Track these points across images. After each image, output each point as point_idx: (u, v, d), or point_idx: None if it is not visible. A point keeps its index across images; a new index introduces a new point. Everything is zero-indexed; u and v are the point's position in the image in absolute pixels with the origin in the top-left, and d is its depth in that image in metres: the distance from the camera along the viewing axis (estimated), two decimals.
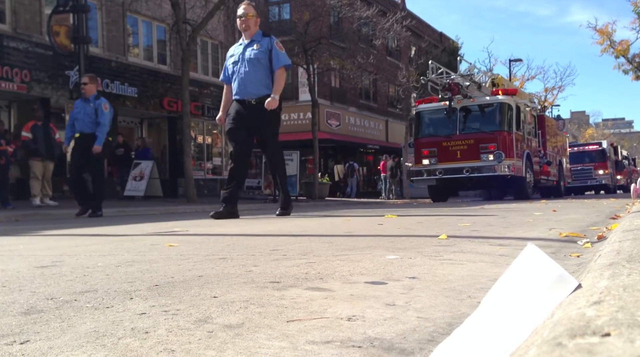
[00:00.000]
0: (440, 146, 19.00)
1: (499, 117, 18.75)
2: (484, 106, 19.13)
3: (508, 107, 18.79)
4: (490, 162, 18.04)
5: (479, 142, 18.42)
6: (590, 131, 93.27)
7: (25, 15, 17.62)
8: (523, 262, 1.16)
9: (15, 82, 16.88)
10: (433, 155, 19.14)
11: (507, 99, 18.90)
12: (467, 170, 18.28)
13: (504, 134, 18.47)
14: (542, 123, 22.95)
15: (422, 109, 20.13)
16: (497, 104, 18.86)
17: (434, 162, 19.08)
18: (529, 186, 19.54)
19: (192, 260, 2.96)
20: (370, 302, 1.76)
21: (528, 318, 1.03)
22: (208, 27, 20.25)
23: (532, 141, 20.92)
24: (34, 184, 13.19)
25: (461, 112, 19.12)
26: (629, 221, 3.61)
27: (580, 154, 36.79)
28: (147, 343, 1.34)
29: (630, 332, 0.78)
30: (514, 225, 5.14)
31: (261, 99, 7.55)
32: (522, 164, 19.06)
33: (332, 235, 4.48)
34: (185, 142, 18.20)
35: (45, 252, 3.67)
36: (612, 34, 35.71)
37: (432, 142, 19.28)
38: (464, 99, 19.02)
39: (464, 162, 18.39)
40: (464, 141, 18.66)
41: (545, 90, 50.42)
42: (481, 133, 18.55)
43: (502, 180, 18.49)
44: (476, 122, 19.08)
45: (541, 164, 21.90)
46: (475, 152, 18.39)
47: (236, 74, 7.76)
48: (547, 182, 22.90)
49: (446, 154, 18.81)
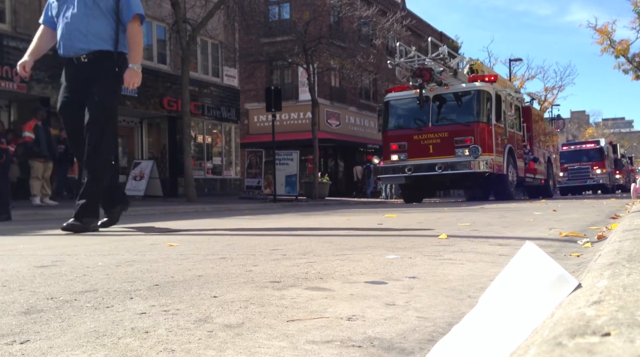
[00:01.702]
0: (411, 140, 17.00)
1: (476, 107, 16.77)
2: (459, 94, 17.11)
3: (487, 96, 16.83)
4: (465, 157, 16.06)
5: (453, 135, 16.46)
6: (590, 131, 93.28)
7: (25, 14, 17.61)
8: (521, 260, 1.15)
9: (15, 81, 16.88)
10: (403, 150, 17.17)
11: (486, 86, 16.94)
12: (439, 167, 16.20)
13: (482, 125, 16.52)
14: (527, 115, 20.93)
15: (391, 98, 18.12)
16: (474, 92, 16.86)
17: (403, 158, 17.09)
18: (511, 185, 17.77)
19: (192, 259, 2.96)
20: (370, 302, 1.76)
21: (528, 317, 1.03)
22: (208, 27, 20.24)
23: (515, 135, 19.00)
24: (34, 184, 13.19)
25: (434, 102, 17.11)
26: (629, 220, 3.61)
27: (578, 153, 35.99)
28: (147, 343, 1.34)
29: (630, 332, 0.78)
30: (514, 225, 5.14)
31: (95, 55, 5.36)
32: (504, 160, 17.18)
33: (332, 235, 4.48)
34: (185, 142, 18.20)
35: (45, 251, 3.67)
36: (612, 33, 35.72)
37: (401, 135, 17.31)
38: (437, 87, 17.04)
39: (437, 157, 16.38)
40: (437, 134, 16.67)
41: (545, 90, 50.49)
42: (456, 125, 16.58)
43: (480, 178, 16.56)
44: (451, 113, 17.13)
45: (527, 160, 20.02)
46: (449, 147, 16.43)
47: (61, 16, 5.45)
48: (534, 180, 21.22)
49: (417, 149, 16.84)
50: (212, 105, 25.37)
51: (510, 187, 17.49)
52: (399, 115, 17.81)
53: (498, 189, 17.28)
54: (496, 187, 17.31)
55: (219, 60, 25.97)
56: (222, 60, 26.19)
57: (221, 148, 26.52)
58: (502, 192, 17.22)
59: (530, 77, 49.38)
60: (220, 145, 26.50)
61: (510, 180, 17.64)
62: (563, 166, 34.70)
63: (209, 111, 25.12)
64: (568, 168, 35.15)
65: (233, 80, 26.97)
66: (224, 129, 26.53)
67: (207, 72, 25.39)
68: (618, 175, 41.22)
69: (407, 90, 17.61)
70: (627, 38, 36.37)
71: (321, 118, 30.93)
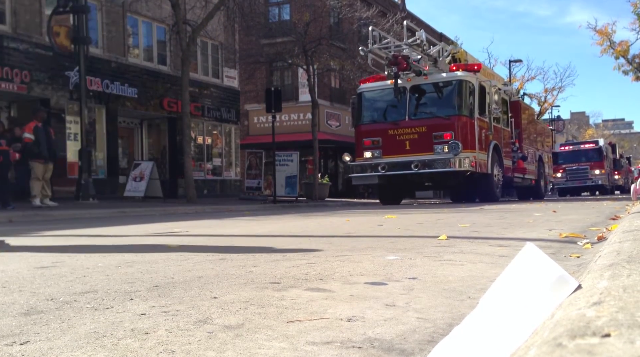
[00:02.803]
0: (386, 135, 15.27)
1: (457, 99, 15.07)
2: (439, 85, 15.43)
3: (469, 87, 15.11)
4: (444, 154, 14.40)
5: (432, 130, 14.74)
6: (590, 132, 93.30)
7: (25, 15, 17.61)
8: (522, 262, 1.15)
9: (15, 82, 16.87)
10: (376, 146, 15.42)
11: (468, 76, 15.20)
12: (416, 166, 14.46)
13: (463, 119, 14.84)
14: (516, 110, 19.23)
15: (365, 89, 16.29)
16: (455, 83, 15.12)
17: (377, 155, 15.33)
18: (497, 185, 16.07)
19: (192, 260, 2.96)
20: (370, 303, 1.76)
21: (528, 318, 1.02)
22: (208, 28, 20.24)
23: (502, 131, 17.30)
24: (34, 185, 13.18)
25: (412, 93, 15.34)
26: (629, 221, 3.61)
27: (576, 153, 35.14)
28: (147, 344, 1.34)
29: (631, 333, 0.78)
30: (514, 225, 5.14)
31: None
32: (488, 158, 15.48)
33: (332, 235, 4.47)
34: (185, 143, 18.19)
35: (45, 252, 3.67)
36: (611, 34, 35.69)
37: (375, 130, 15.51)
38: (415, 77, 15.33)
39: (414, 154, 14.69)
40: (414, 129, 14.96)
41: (545, 91, 50.43)
42: (435, 118, 14.85)
43: (462, 178, 14.84)
44: (430, 105, 15.40)
45: (515, 159, 18.40)
46: (427, 143, 14.71)
47: None
48: (524, 181, 19.52)
49: (392, 145, 15.11)
50: (212, 106, 25.36)
51: (496, 188, 15.92)
52: (373, 108, 16.06)
53: (482, 189, 15.71)
54: (480, 188, 15.71)
55: (219, 61, 25.97)
56: (222, 62, 26.19)
57: (221, 149, 26.51)
58: (486, 192, 15.70)
59: (530, 78, 49.32)
60: (220, 146, 26.50)
61: (496, 180, 15.99)
62: (561, 167, 34.16)
63: (209, 112, 25.11)
64: (566, 169, 34.46)
65: (233, 82, 26.96)
66: (224, 130, 26.52)
67: (207, 73, 25.39)
68: (617, 176, 40.41)
69: (382, 81, 15.81)
70: (627, 39, 36.31)
71: (321, 119, 30.93)
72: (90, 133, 18.60)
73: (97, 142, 20.06)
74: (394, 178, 15.26)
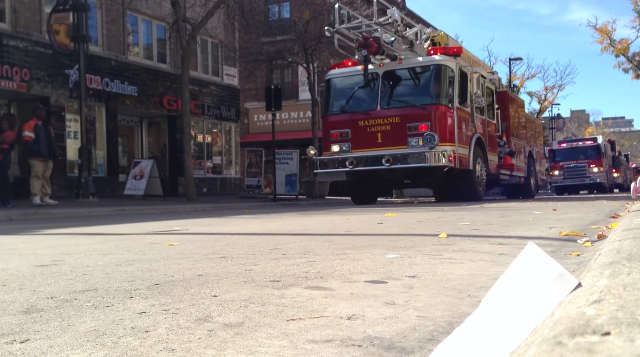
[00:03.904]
0: (356, 127, 13.85)
1: (434, 86, 13.65)
2: (415, 70, 13.92)
3: (448, 72, 13.71)
4: (419, 148, 12.95)
5: (406, 121, 13.31)
6: (590, 130, 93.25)
7: (25, 13, 17.60)
8: (523, 261, 1.16)
9: (15, 80, 16.87)
10: (345, 139, 13.98)
11: (447, 60, 13.78)
12: (387, 160, 13.05)
13: (441, 109, 13.39)
14: (504, 102, 17.69)
15: (334, 75, 14.78)
16: (432, 68, 13.68)
17: (346, 149, 13.90)
18: (480, 183, 14.68)
19: (192, 259, 2.96)
20: (370, 301, 1.76)
21: (528, 317, 1.03)
22: (208, 26, 20.23)
23: (487, 124, 15.87)
24: (34, 183, 13.19)
25: (384, 80, 13.93)
26: (629, 219, 3.61)
27: (574, 150, 34.16)
28: (147, 342, 1.34)
29: (630, 331, 0.78)
30: (514, 224, 5.14)
31: None
32: (469, 153, 14.11)
33: (332, 234, 4.48)
34: (185, 141, 18.19)
35: (45, 250, 3.67)
36: (612, 32, 35.65)
37: (344, 121, 14.07)
38: (389, 62, 13.98)
39: (386, 148, 13.26)
40: (386, 119, 13.53)
41: (545, 89, 50.43)
42: (410, 108, 13.44)
43: (440, 174, 13.46)
44: (404, 93, 13.94)
45: (501, 154, 16.97)
46: (401, 135, 13.28)
47: None
48: (512, 178, 18.09)
49: (363, 138, 13.70)
50: (212, 105, 25.35)
51: (478, 186, 14.50)
52: (342, 96, 14.51)
53: (462, 187, 14.30)
54: (460, 185, 14.32)
55: (219, 59, 25.96)
56: (222, 60, 26.18)
57: (221, 147, 26.51)
58: (467, 191, 14.26)
59: (530, 76, 49.34)
60: (220, 145, 26.50)
61: (478, 176, 14.57)
62: (559, 164, 33.55)
63: (209, 110, 25.11)
64: (564, 166, 33.66)
65: (233, 80, 26.95)
66: (224, 128, 26.53)
67: (207, 72, 25.38)
68: (616, 173, 39.62)
69: (354, 66, 14.33)
70: (627, 37, 36.21)
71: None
72: (90, 131, 18.60)
73: (97, 140, 20.06)
74: (364, 174, 13.89)
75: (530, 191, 19.95)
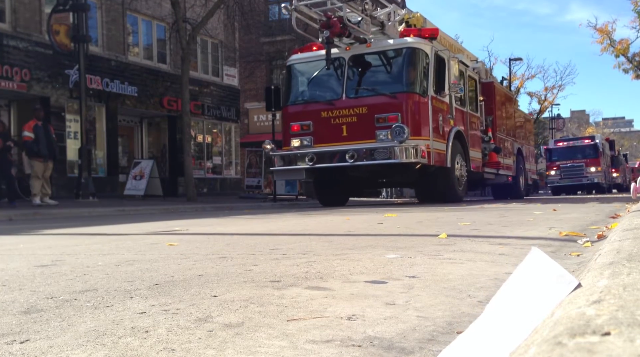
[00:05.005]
0: (318, 118, 12.31)
1: (406, 72, 12.20)
2: (385, 55, 12.46)
3: (422, 57, 12.22)
4: (387, 142, 11.48)
5: (374, 111, 11.86)
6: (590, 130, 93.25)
7: (25, 14, 17.61)
8: (526, 264, 1.16)
9: (15, 81, 16.88)
10: (307, 132, 12.47)
11: (421, 43, 12.30)
12: (351, 156, 11.57)
13: (414, 98, 11.91)
14: (489, 94, 16.23)
15: (296, 60, 13.27)
16: (404, 51, 12.18)
17: (307, 144, 12.41)
18: (459, 182, 13.21)
19: (192, 259, 2.96)
20: (370, 302, 1.76)
21: (529, 317, 1.03)
22: (208, 26, 20.23)
23: (470, 117, 14.39)
24: (34, 184, 13.19)
25: (351, 65, 12.47)
26: (629, 220, 3.61)
27: (571, 150, 33.15)
28: (147, 342, 1.34)
29: (630, 331, 0.78)
30: (514, 224, 5.14)
31: None
32: (447, 148, 12.65)
33: (332, 234, 4.47)
34: (185, 141, 18.20)
35: (45, 251, 3.67)
36: (612, 32, 35.65)
37: (306, 112, 12.58)
38: (356, 45, 12.57)
39: (351, 142, 11.83)
40: (353, 110, 12.07)
41: (545, 89, 50.46)
42: (378, 96, 12.02)
43: (412, 172, 12.13)
44: (373, 80, 12.49)
45: (486, 151, 15.49)
46: (368, 127, 11.81)
47: None
48: (498, 177, 16.66)
49: (326, 131, 12.20)
50: (212, 105, 25.36)
51: (457, 185, 13.10)
52: (305, 84, 13.10)
53: (440, 186, 12.96)
54: (437, 185, 12.95)
55: (219, 59, 25.96)
56: (222, 60, 26.19)
57: (221, 147, 26.51)
58: (445, 191, 12.93)
59: (530, 76, 49.37)
60: (220, 145, 26.49)
61: (458, 175, 13.13)
62: (555, 164, 32.88)
63: (209, 111, 25.11)
64: (560, 166, 32.48)
65: (233, 80, 26.96)
66: (224, 129, 26.53)
67: (207, 72, 25.39)
68: (615, 173, 38.67)
69: (319, 51, 12.74)
70: (627, 37, 36.18)
71: None
72: (90, 131, 18.61)
73: (97, 140, 20.07)
74: (327, 172, 12.50)
75: (519, 192, 18.56)
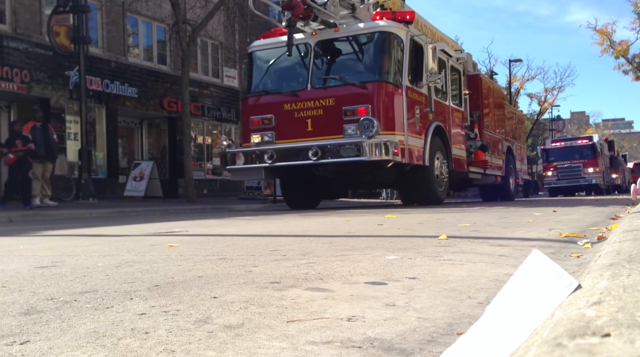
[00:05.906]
0: (281, 111, 11.12)
1: (377, 59, 11.03)
2: (355, 40, 11.22)
3: (395, 42, 11.00)
4: (355, 137, 10.27)
5: (341, 103, 10.66)
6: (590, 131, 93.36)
7: (25, 15, 17.61)
8: (527, 266, 1.16)
9: (15, 82, 16.88)
10: (268, 126, 11.27)
11: (395, 27, 11.06)
12: (314, 153, 10.36)
13: (385, 87, 10.72)
14: (476, 87, 14.93)
15: (257, 47, 12.01)
16: (376, 36, 10.98)
17: (269, 140, 11.19)
18: (439, 182, 12.01)
19: (192, 260, 2.96)
20: (370, 303, 1.76)
21: (529, 319, 1.03)
22: (208, 28, 20.24)
23: (452, 111, 13.13)
24: (34, 185, 13.19)
25: (318, 52, 11.28)
26: (629, 221, 3.61)
27: (568, 150, 32.36)
28: (147, 343, 1.34)
29: (630, 332, 0.78)
30: (514, 225, 5.14)
31: None
32: (425, 145, 11.43)
33: (332, 235, 4.47)
34: (185, 143, 18.21)
35: (45, 252, 3.67)
36: (612, 34, 35.66)
37: (267, 104, 11.43)
38: (323, 30, 11.40)
39: (317, 138, 10.64)
40: (319, 102, 10.88)
41: (545, 91, 50.42)
42: (347, 86, 10.78)
43: (384, 171, 11.04)
44: (341, 69, 11.22)
45: (472, 149, 14.23)
46: (336, 121, 10.60)
47: None
48: (485, 177, 15.40)
49: (289, 125, 11.02)
50: (212, 106, 25.36)
51: (437, 186, 11.89)
52: (266, 73, 11.78)
53: (417, 187, 11.87)
54: (414, 185, 11.87)
55: (219, 61, 25.97)
56: (222, 61, 26.19)
57: (221, 149, 26.54)
58: (423, 191, 11.80)
59: (530, 77, 49.31)
60: (220, 146, 26.51)
61: (437, 175, 11.91)
62: (552, 165, 32.31)
63: (209, 112, 25.12)
64: (557, 167, 31.83)
65: (233, 81, 26.97)
66: (224, 130, 26.53)
67: (207, 73, 25.39)
68: (614, 174, 37.83)
69: (282, 37, 11.36)
70: (627, 39, 36.21)
71: None
72: (90, 133, 18.61)
73: (97, 141, 20.08)
74: (288, 171, 11.41)
75: (508, 193, 17.27)
